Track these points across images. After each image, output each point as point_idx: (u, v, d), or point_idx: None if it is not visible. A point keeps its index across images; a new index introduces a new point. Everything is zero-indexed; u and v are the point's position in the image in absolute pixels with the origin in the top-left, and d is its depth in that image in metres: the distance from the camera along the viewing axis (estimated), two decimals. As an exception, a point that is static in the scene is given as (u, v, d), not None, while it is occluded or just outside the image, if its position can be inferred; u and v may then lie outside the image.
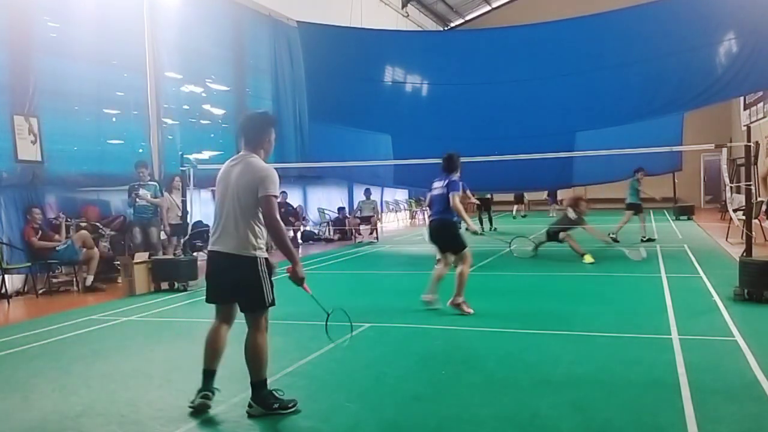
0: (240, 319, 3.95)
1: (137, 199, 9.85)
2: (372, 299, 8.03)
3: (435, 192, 6.86)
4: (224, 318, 3.97)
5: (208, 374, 3.92)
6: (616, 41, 11.26)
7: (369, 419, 3.75)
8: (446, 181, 6.71)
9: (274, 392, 3.86)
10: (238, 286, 3.81)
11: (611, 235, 12.14)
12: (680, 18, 10.76)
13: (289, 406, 3.84)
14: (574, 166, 12.06)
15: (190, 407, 3.85)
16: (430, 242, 7.12)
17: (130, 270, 8.69)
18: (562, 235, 10.96)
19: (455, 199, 6.55)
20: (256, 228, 3.79)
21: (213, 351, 3.92)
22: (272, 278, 3.88)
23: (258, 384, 3.82)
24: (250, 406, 3.82)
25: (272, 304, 3.87)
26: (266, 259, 3.86)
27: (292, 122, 16.69)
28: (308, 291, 3.90)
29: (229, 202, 3.82)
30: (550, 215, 23.60)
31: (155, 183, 10.29)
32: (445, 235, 6.82)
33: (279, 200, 17.63)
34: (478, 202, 10.69)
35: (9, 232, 9.04)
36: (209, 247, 3.95)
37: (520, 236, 10.12)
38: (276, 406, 3.81)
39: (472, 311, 6.55)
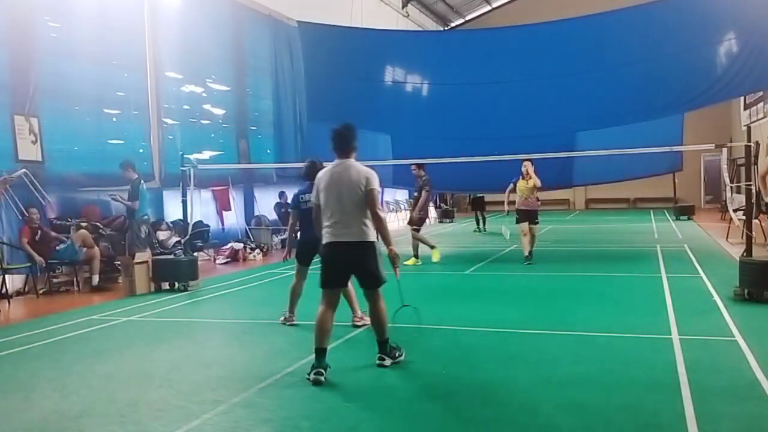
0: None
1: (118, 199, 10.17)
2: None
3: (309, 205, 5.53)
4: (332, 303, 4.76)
5: (320, 352, 4.57)
6: (616, 41, 11.25)
7: (369, 419, 3.75)
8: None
9: (392, 346, 4.87)
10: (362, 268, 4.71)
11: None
12: (680, 18, 10.75)
13: (400, 355, 4.89)
14: (575, 166, 12.06)
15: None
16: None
17: (131, 270, 8.69)
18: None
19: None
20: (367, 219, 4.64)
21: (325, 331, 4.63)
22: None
23: (383, 342, 4.81)
24: (381, 359, 4.77)
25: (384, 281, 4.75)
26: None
27: (292, 122, 16.69)
28: (397, 276, 4.76)
29: (344, 200, 4.63)
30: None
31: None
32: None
33: (279, 201, 17.51)
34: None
35: (9, 233, 9.04)
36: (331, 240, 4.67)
37: None
38: (397, 354, 4.86)
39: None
